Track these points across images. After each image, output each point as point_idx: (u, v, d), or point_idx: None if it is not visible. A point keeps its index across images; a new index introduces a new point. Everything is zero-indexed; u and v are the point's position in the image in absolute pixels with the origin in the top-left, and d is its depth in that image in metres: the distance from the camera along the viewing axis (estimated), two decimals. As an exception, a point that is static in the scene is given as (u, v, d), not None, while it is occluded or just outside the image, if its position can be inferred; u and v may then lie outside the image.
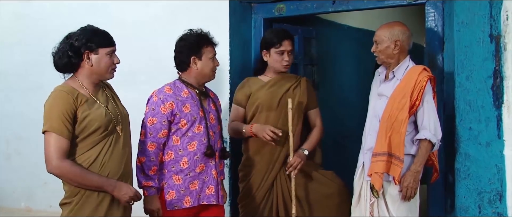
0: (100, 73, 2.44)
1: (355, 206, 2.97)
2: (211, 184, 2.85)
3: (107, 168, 2.39)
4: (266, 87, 3.21)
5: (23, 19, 4.37)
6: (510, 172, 2.74)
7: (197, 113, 2.81)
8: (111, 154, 2.41)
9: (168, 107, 2.75)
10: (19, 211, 4.36)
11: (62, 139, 2.28)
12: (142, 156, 2.72)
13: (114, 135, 2.44)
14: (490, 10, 2.79)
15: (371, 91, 3.05)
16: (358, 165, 3.00)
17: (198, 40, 2.83)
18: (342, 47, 4.71)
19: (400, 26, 2.87)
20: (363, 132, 3.01)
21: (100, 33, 2.45)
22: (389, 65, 2.90)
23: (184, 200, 2.79)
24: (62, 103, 2.31)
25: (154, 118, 2.74)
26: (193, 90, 2.86)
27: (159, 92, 2.81)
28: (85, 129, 2.35)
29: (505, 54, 2.77)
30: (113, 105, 2.51)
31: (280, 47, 3.16)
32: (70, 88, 2.37)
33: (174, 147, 2.79)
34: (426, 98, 2.75)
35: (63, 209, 2.41)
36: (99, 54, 2.41)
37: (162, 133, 2.75)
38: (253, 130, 3.09)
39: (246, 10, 3.75)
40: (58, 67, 2.43)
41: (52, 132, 2.28)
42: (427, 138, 2.71)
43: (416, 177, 2.73)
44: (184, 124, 2.78)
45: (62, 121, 2.28)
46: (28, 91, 4.28)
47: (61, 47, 2.42)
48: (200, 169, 2.82)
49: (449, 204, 3.08)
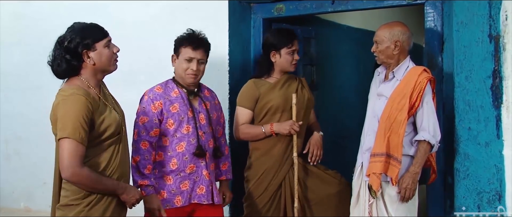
0: (104, 67, 2.39)
1: (354, 206, 2.97)
2: (202, 184, 2.86)
3: (117, 170, 2.37)
4: (277, 89, 3.17)
5: (23, 19, 4.37)
6: (509, 172, 2.75)
7: (185, 113, 2.82)
8: (119, 155, 2.38)
9: (157, 106, 2.78)
10: (18, 211, 4.36)
11: (80, 145, 2.21)
12: (136, 155, 2.74)
13: (121, 138, 2.42)
14: (489, 10, 2.80)
15: (370, 91, 3.05)
16: (356, 166, 3.00)
17: (179, 40, 2.89)
18: (341, 47, 4.70)
19: (400, 27, 2.86)
20: (361, 132, 3.01)
21: (91, 27, 2.37)
22: (389, 65, 2.90)
23: (175, 200, 2.81)
24: (80, 108, 2.22)
25: (146, 116, 2.76)
26: (183, 91, 2.87)
27: (149, 91, 2.85)
28: (103, 133, 2.30)
29: (504, 54, 2.77)
30: (115, 106, 2.48)
31: (292, 46, 3.16)
32: (85, 91, 2.29)
33: (163, 148, 2.82)
34: (425, 99, 2.74)
35: (66, 210, 2.31)
36: (97, 50, 2.34)
37: (154, 132, 2.77)
38: (275, 129, 3.09)
39: (245, 10, 3.75)
40: (59, 74, 2.36)
41: (71, 138, 2.20)
42: (426, 139, 2.71)
43: (415, 178, 2.73)
44: (171, 124, 2.79)
45: (80, 126, 2.20)
46: (27, 91, 4.28)
47: (56, 54, 2.33)
48: (190, 169, 2.83)
49: (448, 204, 3.08)
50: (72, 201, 2.30)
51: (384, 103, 2.83)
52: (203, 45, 2.88)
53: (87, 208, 2.30)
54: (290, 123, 3.07)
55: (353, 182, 3.00)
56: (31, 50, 4.25)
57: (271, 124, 3.11)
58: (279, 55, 3.18)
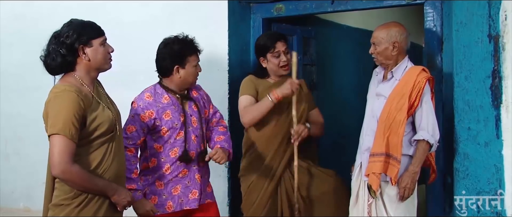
0: (98, 65, 2.37)
1: (353, 206, 2.97)
2: (194, 188, 2.85)
3: (110, 170, 2.35)
4: (272, 89, 3.13)
5: (22, 19, 4.36)
6: (508, 172, 2.75)
7: (178, 119, 2.80)
8: (112, 155, 2.36)
9: (148, 115, 2.74)
10: (18, 211, 4.35)
11: (71, 142, 2.20)
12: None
13: (115, 136, 2.40)
14: (488, 10, 2.80)
15: (369, 91, 3.05)
16: (355, 165, 3.00)
17: (182, 49, 2.81)
18: (341, 47, 4.71)
19: (397, 27, 2.86)
20: (360, 132, 3.01)
21: (88, 24, 2.37)
22: (387, 66, 2.90)
23: (166, 206, 2.80)
24: (72, 105, 2.21)
25: (133, 125, 2.73)
26: (173, 96, 2.84)
27: (139, 99, 2.79)
28: (94, 131, 2.29)
29: (504, 54, 2.77)
30: (110, 104, 2.46)
31: (274, 50, 3.15)
32: (77, 88, 2.28)
33: (156, 154, 2.79)
34: (424, 99, 2.74)
35: (56, 209, 2.30)
36: (93, 46, 2.33)
37: (140, 141, 2.76)
38: (278, 94, 2.98)
39: (245, 10, 3.75)
40: (52, 69, 2.34)
41: (61, 135, 2.18)
42: (425, 139, 2.71)
43: (414, 177, 2.73)
44: (165, 132, 2.77)
45: (71, 123, 2.19)
46: (26, 91, 4.28)
47: (51, 48, 2.32)
48: (183, 174, 2.82)
49: (448, 204, 3.08)
50: (62, 201, 2.28)
51: (383, 103, 2.83)
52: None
53: (78, 208, 2.28)
54: (289, 81, 2.99)
55: (352, 182, 3.00)
56: (30, 50, 4.20)
57: (273, 91, 3.01)
58: (266, 60, 3.19)
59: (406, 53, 2.89)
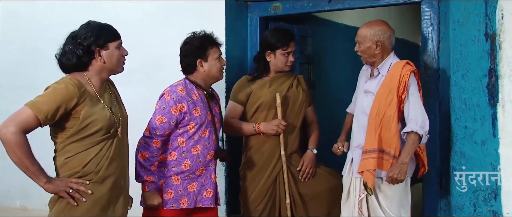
0: (112, 68, 2.41)
1: (344, 202, 2.98)
2: (209, 187, 2.87)
3: (106, 171, 2.35)
4: (267, 86, 3.20)
5: (19, 18, 4.35)
6: (504, 170, 2.75)
7: (206, 116, 2.83)
8: (109, 157, 2.36)
9: (179, 108, 2.75)
10: (14, 210, 4.34)
11: (37, 121, 2.19)
12: (146, 152, 2.70)
13: (115, 138, 2.40)
14: (485, 9, 2.80)
15: (357, 88, 3.06)
16: (346, 162, 3.01)
17: (202, 42, 2.85)
18: (338, 45, 4.71)
19: (380, 26, 2.86)
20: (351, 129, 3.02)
21: (106, 27, 2.41)
22: (373, 63, 2.91)
23: (181, 201, 2.80)
24: (63, 95, 2.23)
25: (164, 117, 2.73)
26: (202, 92, 2.87)
27: (172, 92, 2.79)
28: (86, 128, 2.29)
29: (500, 52, 2.78)
30: (116, 107, 2.46)
31: (287, 48, 3.17)
32: (78, 83, 2.29)
33: (178, 148, 2.80)
34: (410, 91, 2.73)
35: (53, 206, 2.35)
36: (109, 49, 2.37)
37: (168, 132, 2.76)
38: (262, 129, 3.11)
39: (242, 8, 3.75)
40: (66, 68, 2.36)
41: (32, 110, 2.18)
42: (413, 130, 2.70)
43: (403, 168, 2.69)
44: (192, 127, 2.78)
45: (51, 109, 2.19)
46: (22, 89, 4.22)
47: (67, 48, 2.34)
48: (200, 172, 2.84)
49: (444, 203, 3.09)
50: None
51: (371, 100, 2.83)
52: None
53: (70, 204, 2.30)
54: (276, 123, 3.08)
55: (343, 178, 3.02)
56: (27, 49, 4.23)
57: (258, 123, 3.12)
58: (274, 55, 3.20)
59: (392, 50, 2.89)
